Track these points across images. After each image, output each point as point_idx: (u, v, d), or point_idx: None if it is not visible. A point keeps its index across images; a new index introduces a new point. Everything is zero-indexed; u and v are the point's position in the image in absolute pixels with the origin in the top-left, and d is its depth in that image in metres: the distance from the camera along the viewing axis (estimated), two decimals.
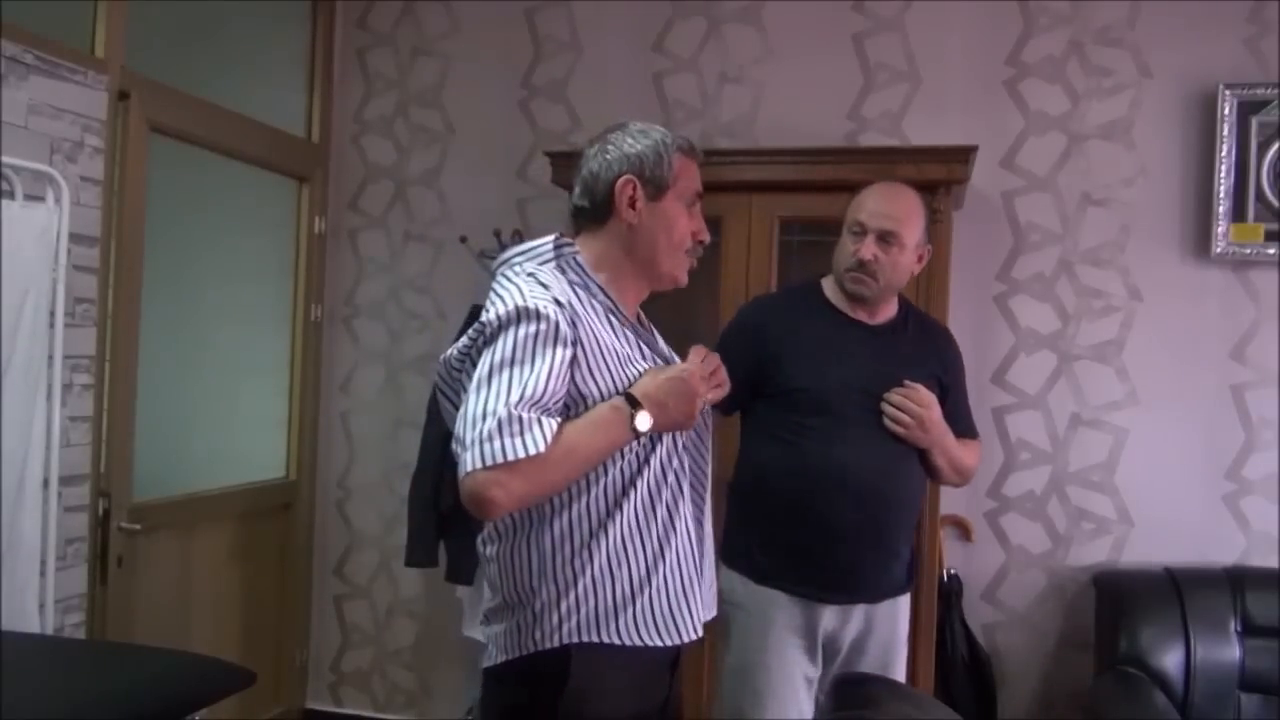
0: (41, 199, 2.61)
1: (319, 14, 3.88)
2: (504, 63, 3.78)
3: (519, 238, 3.57)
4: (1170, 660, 2.91)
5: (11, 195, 2.53)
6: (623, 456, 1.71)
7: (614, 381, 1.70)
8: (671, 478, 1.77)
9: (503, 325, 1.63)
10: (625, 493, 1.71)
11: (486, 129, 3.80)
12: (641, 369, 1.74)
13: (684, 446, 1.81)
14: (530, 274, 1.72)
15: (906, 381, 2.35)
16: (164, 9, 3.21)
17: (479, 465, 1.54)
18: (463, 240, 3.69)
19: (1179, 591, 2.99)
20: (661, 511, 1.75)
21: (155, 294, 3.13)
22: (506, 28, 3.78)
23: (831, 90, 3.49)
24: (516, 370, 1.60)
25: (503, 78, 3.78)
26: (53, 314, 2.64)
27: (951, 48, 3.42)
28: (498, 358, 1.61)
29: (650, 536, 1.73)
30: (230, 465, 3.62)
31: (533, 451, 1.55)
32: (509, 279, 1.72)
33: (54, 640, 2.56)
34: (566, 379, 1.64)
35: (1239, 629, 2.93)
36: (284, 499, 3.81)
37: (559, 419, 1.61)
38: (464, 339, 1.71)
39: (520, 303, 1.64)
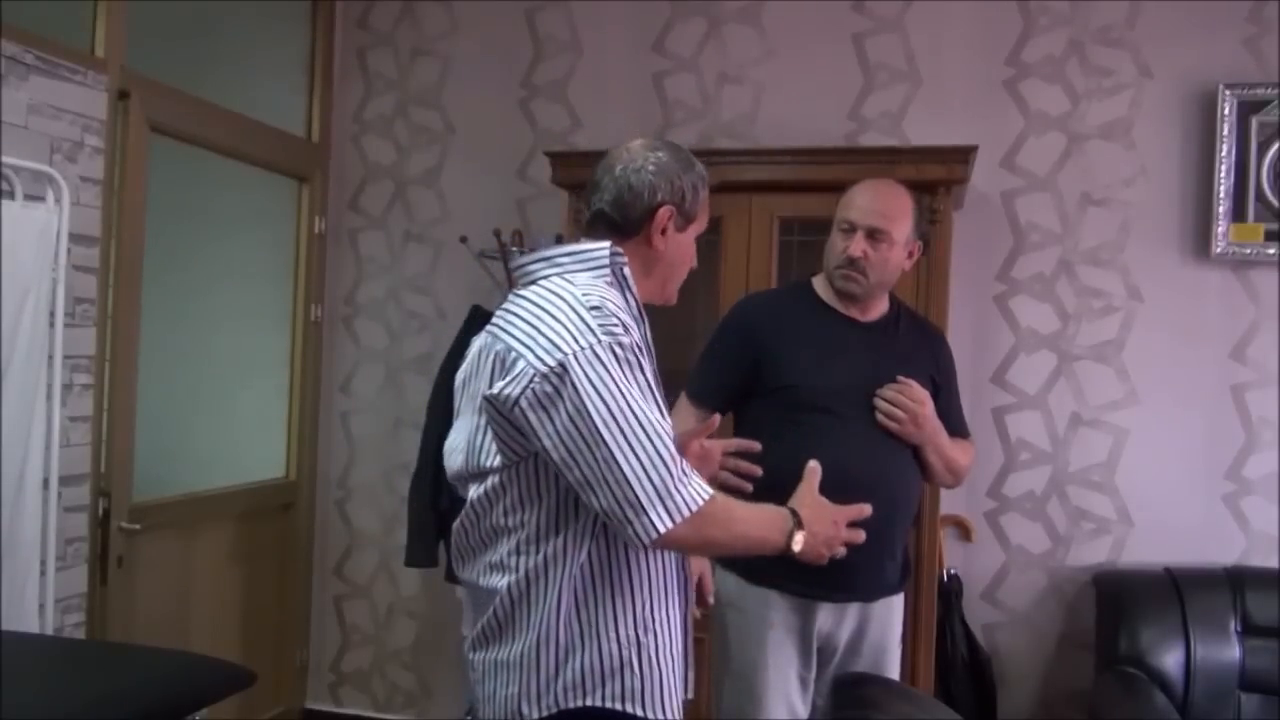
0: (41, 199, 2.61)
1: (319, 14, 3.88)
2: (504, 63, 3.78)
3: (519, 238, 3.57)
4: (1170, 660, 2.91)
5: (11, 195, 2.53)
6: None
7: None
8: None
9: (587, 362, 1.54)
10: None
11: (486, 129, 3.80)
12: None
13: None
14: (589, 287, 1.63)
15: (900, 378, 2.35)
16: (164, 9, 3.21)
17: (675, 522, 1.55)
18: (463, 240, 3.69)
19: (1179, 591, 2.99)
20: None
21: (155, 294, 3.13)
22: (506, 28, 3.78)
23: (831, 90, 3.49)
24: (634, 408, 1.54)
25: (503, 78, 3.78)
26: (53, 314, 2.64)
27: (951, 48, 3.42)
28: (605, 403, 1.53)
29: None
30: (230, 465, 3.62)
31: (706, 497, 1.58)
32: (562, 299, 1.61)
33: (54, 640, 2.56)
34: None
35: (1239, 629, 2.93)
36: (284, 499, 3.81)
37: None
38: (519, 382, 1.56)
39: (595, 342, 1.55)
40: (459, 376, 1.80)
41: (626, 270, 1.71)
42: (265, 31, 3.76)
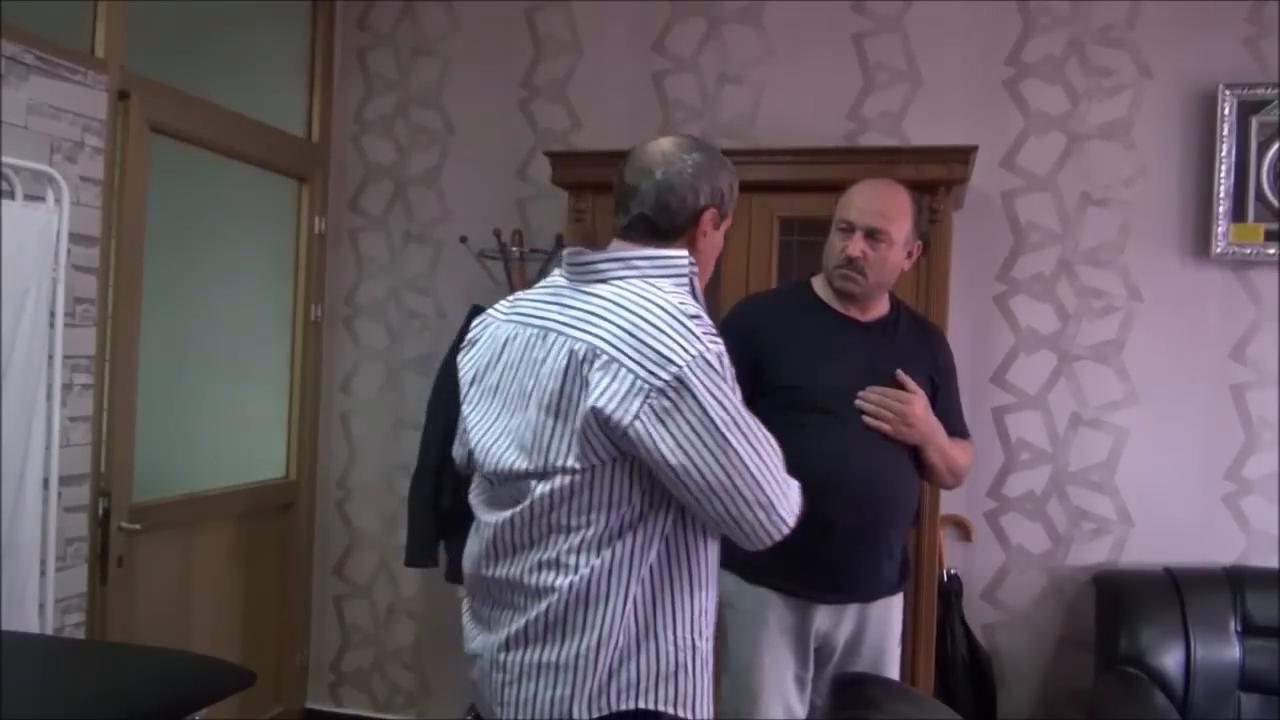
0: (41, 199, 2.61)
1: (319, 14, 3.88)
2: (504, 63, 3.78)
3: (519, 238, 3.58)
4: (1170, 660, 2.91)
5: (11, 195, 2.53)
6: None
7: None
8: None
9: (702, 371, 1.55)
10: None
11: (486, 129, 3.80)
12: None
13: None
14: (679, 295, 1.63)
15: (899, 373, 2.35)
16: (164, 9, 3.21)
17: (797, 512, 1.63)
18: (463, 240, 3.70)
19: (1179, 591, 2.99)
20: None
21: (155, 294, 3.13)
22: (506, 28, 3.78)
23: (831, 90, 3.49)
24: (745, 411, 1.60)
25: (503, 78, 3.78)
26: (53, 314, 2.64)
27: (951, 48, 3.42)
28: (725, 409, 1.57)
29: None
30: (230, 465, 3.62)
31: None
32: (660, 307, 1.58)
33: (54, 640, 2.56)
34: None
35: (1239, 629, 2.93)
36: (284, 499, 3.81)
37: None
38: (634, 398, 1.53)
39: (705, 350, 1.56)
40: (473, 365, 1.76)
41: (696, 280, 1.70)
42: (265, 31, 3.76)
